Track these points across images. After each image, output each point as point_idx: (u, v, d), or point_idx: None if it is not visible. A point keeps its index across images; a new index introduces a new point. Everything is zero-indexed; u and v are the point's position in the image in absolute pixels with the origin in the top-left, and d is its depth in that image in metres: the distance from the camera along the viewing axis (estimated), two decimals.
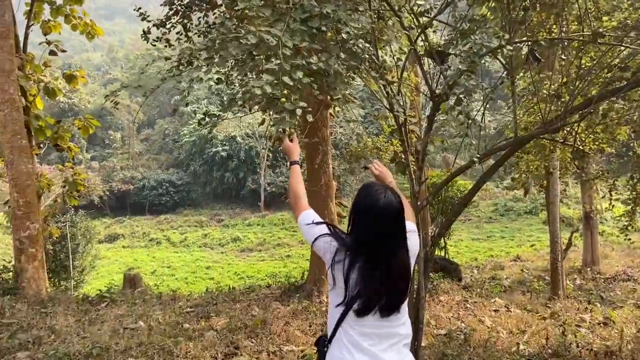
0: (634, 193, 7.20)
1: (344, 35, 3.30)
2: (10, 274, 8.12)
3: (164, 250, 31.06)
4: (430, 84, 4.11)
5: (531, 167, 9.30)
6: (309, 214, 2.28)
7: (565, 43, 4.42)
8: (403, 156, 4.85)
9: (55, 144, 12.08)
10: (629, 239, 8.28)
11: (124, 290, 9.72)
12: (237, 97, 3.62)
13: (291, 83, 3.30)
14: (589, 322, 8.09)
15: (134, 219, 37.70)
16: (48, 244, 16.57)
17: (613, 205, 7.73)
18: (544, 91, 5.30)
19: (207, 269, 26.61)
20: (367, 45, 3.60)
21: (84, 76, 13.12)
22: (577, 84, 4.42)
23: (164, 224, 36.07)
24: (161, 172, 41.85)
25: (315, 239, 2.13)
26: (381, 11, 4.29)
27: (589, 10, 4.79)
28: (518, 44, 4.30)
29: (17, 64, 10.54)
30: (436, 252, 12.83)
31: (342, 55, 3.28)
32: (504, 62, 4.26)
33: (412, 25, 4.09)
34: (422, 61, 4.15)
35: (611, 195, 7.66)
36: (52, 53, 11.83)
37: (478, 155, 3.91)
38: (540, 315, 8.60)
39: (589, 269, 15.08)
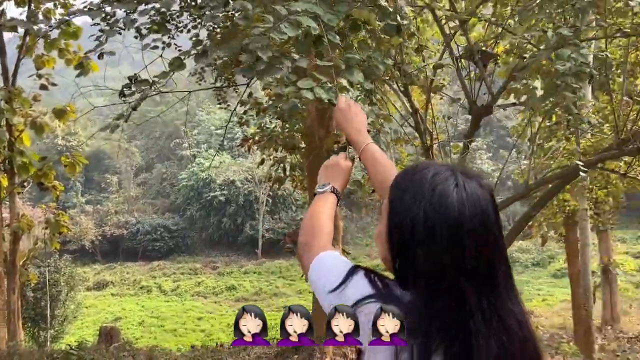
0: None
1: None
2: None
3: (154, 299, 29.58)
4: (470, 93, 3.32)
5: (566, 207, 8.40)
6: (329, 259, 1.15)
7: None
8: None
9: (39, 182, 11.26)
10: None
11: (98, 346, 8.65)
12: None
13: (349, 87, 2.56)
14: None
15: (125, 265, 36.32)
16: (28, 291, 15.46)
17: None
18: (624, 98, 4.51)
19: (198, 320, 25.16)
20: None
21: (74, 112, 12.46)
22: None
23: (156, 271, 34.67)
24: (157, 217, 40.82)
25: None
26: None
27: None
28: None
29: (4, 97, 9.88)
30: None
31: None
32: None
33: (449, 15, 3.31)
34: (459, 65, 3.38)
35: None
36: (42, 87, 11.26)
37: (581, 163, 3.04)
38: None
39: (609, 328, 14.04)
